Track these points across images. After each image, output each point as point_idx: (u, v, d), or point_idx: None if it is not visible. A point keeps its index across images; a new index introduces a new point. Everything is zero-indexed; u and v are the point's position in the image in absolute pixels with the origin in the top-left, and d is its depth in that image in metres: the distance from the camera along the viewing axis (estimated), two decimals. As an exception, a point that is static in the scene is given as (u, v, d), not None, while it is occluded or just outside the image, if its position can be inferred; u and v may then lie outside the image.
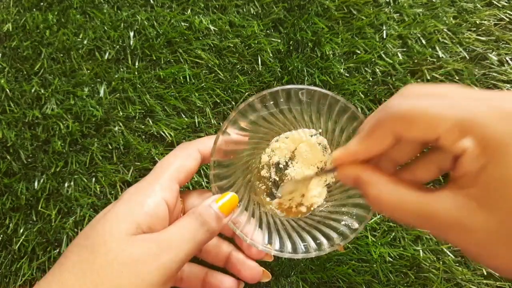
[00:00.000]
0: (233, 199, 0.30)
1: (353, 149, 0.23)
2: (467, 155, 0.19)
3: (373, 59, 0.43)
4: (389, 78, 0.42)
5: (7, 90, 0.43)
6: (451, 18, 0.44)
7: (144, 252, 0.25)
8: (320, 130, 0.37)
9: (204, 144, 0.32)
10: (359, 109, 0.41)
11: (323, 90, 0.31)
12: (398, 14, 0.44)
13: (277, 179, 0.38)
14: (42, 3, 0.46)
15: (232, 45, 0.44)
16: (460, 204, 0.19)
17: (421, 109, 0.20)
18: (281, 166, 0.39)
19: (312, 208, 0.36)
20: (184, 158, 0.31)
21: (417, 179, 0.23)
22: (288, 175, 0.37)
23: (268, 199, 0.37)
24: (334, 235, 0.31)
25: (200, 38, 0.44)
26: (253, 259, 0.35)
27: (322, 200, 0.36)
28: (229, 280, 0.34)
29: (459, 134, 0.19)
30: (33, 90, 0.43)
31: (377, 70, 0.42)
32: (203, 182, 0.41)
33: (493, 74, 0.42)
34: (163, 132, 0.42)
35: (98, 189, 0.41)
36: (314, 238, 0.32)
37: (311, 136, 0.37)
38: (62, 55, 0.44)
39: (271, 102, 0.32)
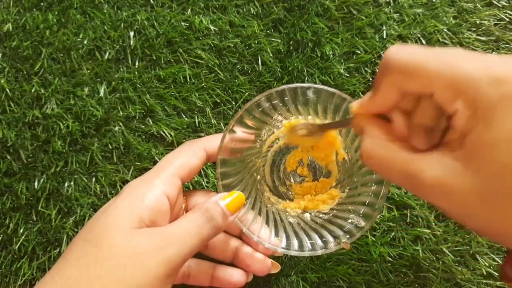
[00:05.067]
0: (239, 198, 0.30)
1: (365, 103, 0.24)
2: (457, 117, 0.19)
3: (373, 59, 0.43)
4: (389, 78, 0.42)
5: (7, 90, 0.43)
6: (451, 18, 0.44)
7: (149, 245, 0.25)
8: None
9: (210, 143, 0.32)
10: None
11: (330, 89, 0.31)
12: (398, 14, 0.44)
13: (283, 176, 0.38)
14: (42, 3, 0.46)
15: (232, 45, 0.44)
16: (446, 166, 0.19)
17: (417, 63, 0.20)
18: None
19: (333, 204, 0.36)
20: (188, 155, 0.31)
21: (420, 139, 0.23)
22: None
23: (274, 197, 0.38)
24: (340, 233, 0.31)
25: (200, 38, 0.44)
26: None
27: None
28: (239, 273, 0.34)
29: (452, 94, 0.19)
30: (33, 90, 0.43)
31: (377, 70, 0.43)
32: (203, 182, 0.41)
33: (493, 74, 0.42)
34: (163, 132, 0.42)
35: (98, 189, 0.41)
36: (321, 236, 0.32)
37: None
38: (62, 55, 0.44)
39: (278, 101, 0.32)
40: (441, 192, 0.19)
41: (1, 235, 0.40)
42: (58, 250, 0.39)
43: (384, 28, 0.44)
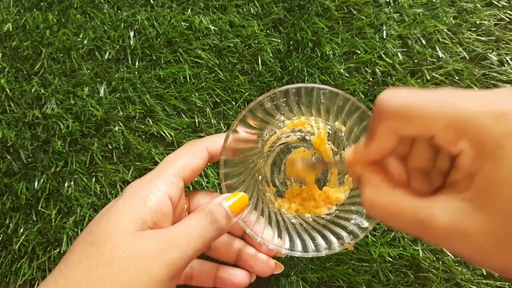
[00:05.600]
0: (243, 199, 0.30)
1: (360, 150, 0.23)
2: (462, 157, 0.19)
3: (373, 59, 0.43)
4: (389, 78, 0.42)
5: (7, 90, 0.43)
6: (451, 18, 0.44)
7: (152, 248, 0.25)
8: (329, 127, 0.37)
9: (213, 143, 0.32)
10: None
11: (334, 89, 0.30)
12: (398, 14, 0.44)
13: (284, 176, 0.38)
14: (42, 3, 0.46)
15: (232, 45, 0.44)
16: (456, 209, 0.18)
17: (413, 107, 0.19)
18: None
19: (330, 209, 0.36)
20: (190, 156, 0.31)
21: (422, 185, 0.22)
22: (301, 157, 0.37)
23: (275, 197, 0.38)
24: (344, 234, 0.31)
25: (200, 38, 0.44)
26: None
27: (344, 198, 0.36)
28: (242, 273, 0.34)
29: (454, 135, 0.18)
30: (33, 90, 0.43)
31: (377, 70, 0.43)
32: (203, 182, 0.41)
33: (493, 74, 0.43)
34: (163, 132, 0.42)
35: (98, 189, 0.41)
36: (324, 237, 0.32)
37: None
38: (62, 55, 0.44)
39: (281, 101, 0.32)
40: (455, 237, 0.18)
41: (1, 235, 0.40)
42: (58, 250, 0.39)
43: (384, 28, 0.44)
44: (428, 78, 0.42)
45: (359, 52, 0.43)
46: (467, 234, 0.18)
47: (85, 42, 0.44)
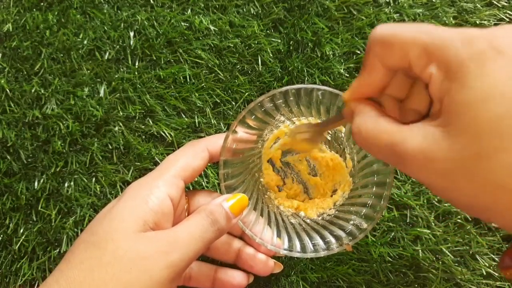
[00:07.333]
0: (243, 200, 0.30)
1: (355, 85, 0.24)
2: (432, 82, 0.19)
3: (373, 59, 0.43)
4: (389, 78, 0.42)
5: (7, 90, 0.43)
6: (451, 18, 0.44)
7: (153, 250, 0.25)
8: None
9: (213, 143, 0.32)
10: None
11: (334, 90, 0.31)
12: (398, 14, 0.44)
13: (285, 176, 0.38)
14: (42, 3, 0.46)
15: (232, 45, 0.44)
16: (426, 134, 0.19)
17: (394, 33, 0.20)
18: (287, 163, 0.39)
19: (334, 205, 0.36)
20: (191, 156, 0.31)
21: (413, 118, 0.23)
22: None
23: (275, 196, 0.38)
24: (342, 234, 0.31)
25: (200, 38, 0.44)
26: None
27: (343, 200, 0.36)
28: (240, 275, 0.35)
29: (426, 60, 0.19)
30: (33, 90, 0.43)
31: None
32: (203, 182, 0.41)
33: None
34: (163, 132, 0.42)
35: (98, 189, 0.41)
36: (323, 238, 0.32)
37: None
38: (62, 55, 0.44)
39: (281, 101, 0.32)
40: (420, 163, 0.19)
41: (1, 235, 0.40)
42: (58, 250, 0.39)
43: (384, 28, 0.44)
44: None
45: (359, 52, 0.43)
46: (432, 159, 0.18)
47: (85, 42, 0.44)
